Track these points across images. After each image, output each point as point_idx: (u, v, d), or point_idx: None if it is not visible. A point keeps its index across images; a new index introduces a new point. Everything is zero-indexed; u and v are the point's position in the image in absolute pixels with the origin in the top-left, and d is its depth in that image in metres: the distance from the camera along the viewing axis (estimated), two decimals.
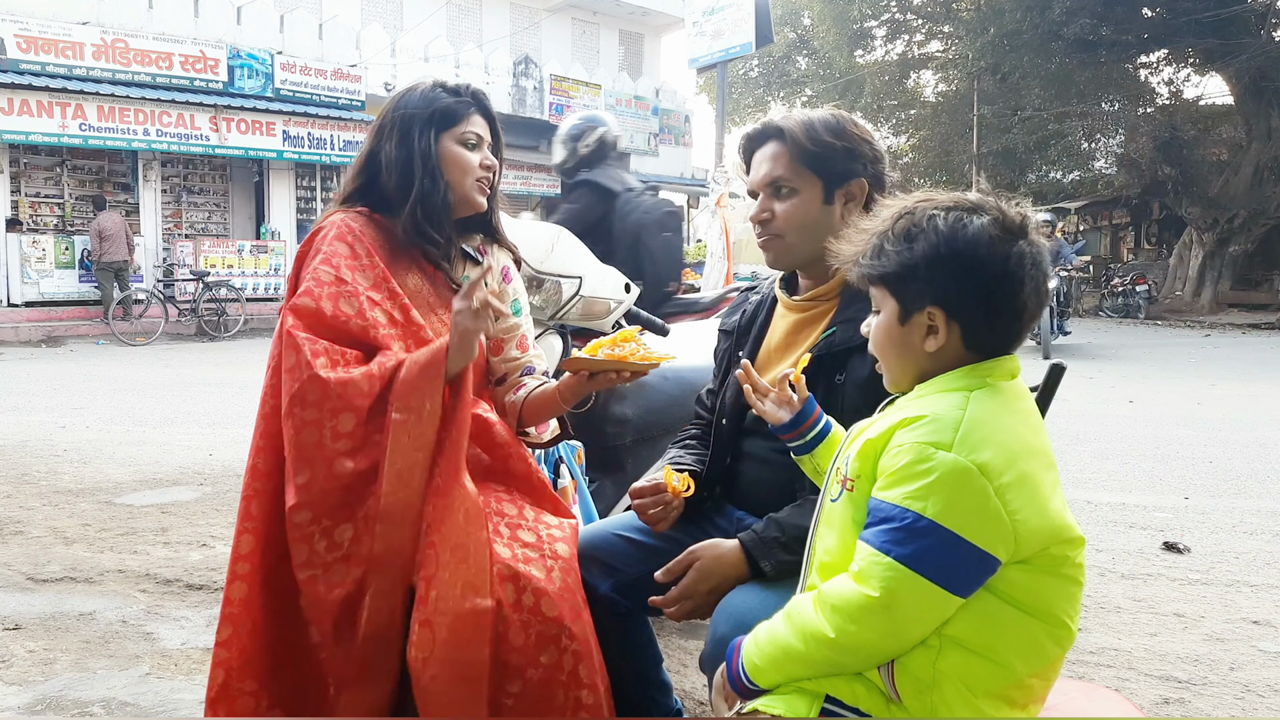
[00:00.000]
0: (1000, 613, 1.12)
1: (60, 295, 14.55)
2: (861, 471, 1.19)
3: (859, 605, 1.10)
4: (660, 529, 1.68)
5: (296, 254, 1.80)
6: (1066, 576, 1.14)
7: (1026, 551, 1.11)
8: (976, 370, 1.18)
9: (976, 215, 1.17)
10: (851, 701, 1.15)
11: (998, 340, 1.19)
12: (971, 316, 1.18)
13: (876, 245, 1.22)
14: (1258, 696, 2.39)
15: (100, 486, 4.49)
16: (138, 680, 2.38)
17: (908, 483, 1.10)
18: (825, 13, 22.42)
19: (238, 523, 1.63)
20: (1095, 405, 7.35)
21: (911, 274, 1.19)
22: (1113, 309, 19.12)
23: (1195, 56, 19.84)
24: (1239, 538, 3.83)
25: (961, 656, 1.12)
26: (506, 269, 1.98)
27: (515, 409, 1.88)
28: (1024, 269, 1.16)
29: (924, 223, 1.18)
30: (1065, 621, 1.15)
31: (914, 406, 1.17)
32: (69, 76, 14.60)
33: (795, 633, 1.15)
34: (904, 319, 1.21)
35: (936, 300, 1.18)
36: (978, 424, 1.12)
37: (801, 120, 1.66)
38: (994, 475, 1.08)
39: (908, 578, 1.08)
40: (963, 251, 1.16)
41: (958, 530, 1.07)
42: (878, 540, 1.11)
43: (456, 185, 1.80)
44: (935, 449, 1.10)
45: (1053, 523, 1.12)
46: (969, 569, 1.09)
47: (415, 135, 1.76)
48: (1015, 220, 1.18)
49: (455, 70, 19.42)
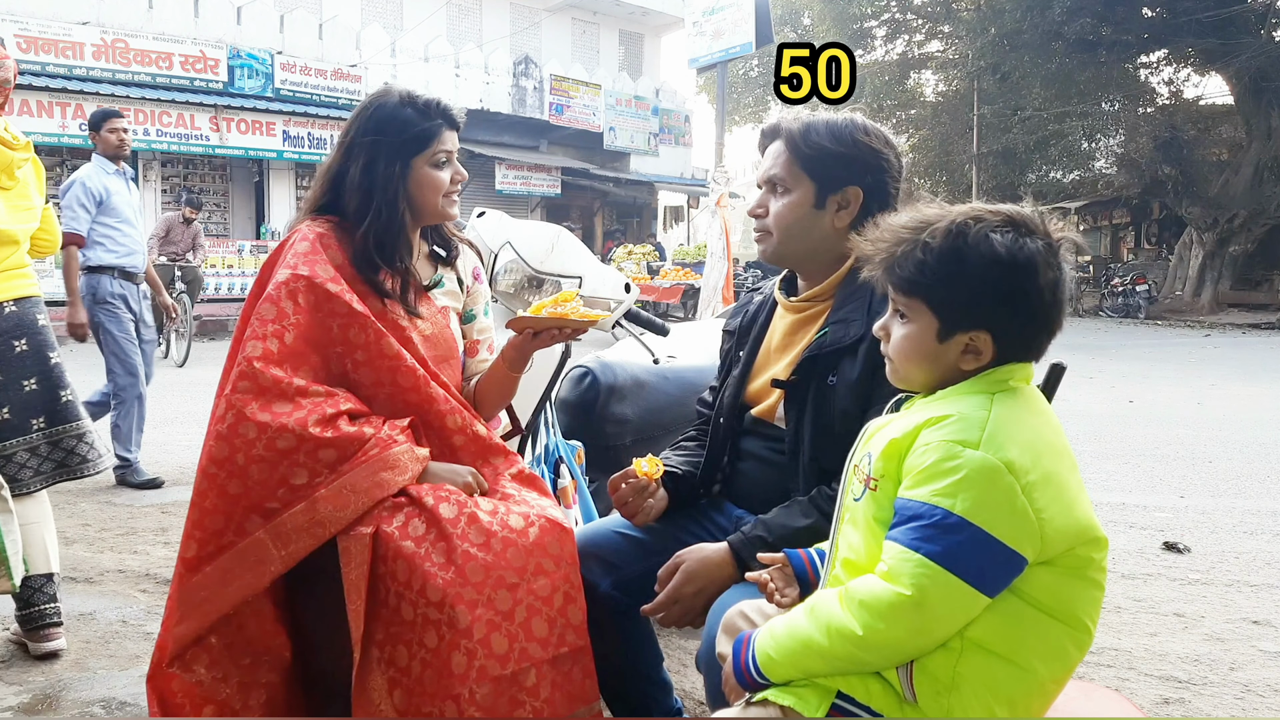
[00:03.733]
0: (1025, 615, 1.12)
1: (60, 295, 14.48)
2: (885, 471, 1.18)
3: (889, 603, 1.10)
4: (638, 521, 1.69)
5: (264, 262, 1.82)
6: (1090, 580, 1.15)
7: (1052, 551, 1.11)
8: (997, 373, 1.18)
9: (1030, 239, 1.16)
10: (864, 700, 1.14)
11: (1027, 354, 1.20)
12: (1015, 339, 1.18)
13: (917, 258, 1.19)
14: (1258, 696, 2.39)
15: (100, 486, 4.49)
16: (138, 680, 2.37)
17: (936, 480, 1.10)
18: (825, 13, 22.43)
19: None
20: (1095, 405, 7.35)
21: (960, 296, 1.17)
22: (1113, 309, 19.12)
23: (1195, 56, 19.84)
24: (1239, 538, 3.83)
25: (983, 659, 1.12)
26: (476, 269, 2.04)
27: (470, 398, 1.94)
28: (1063, 291, 1.17)
29: (980, 244, 1.16)
30: (1087, 625, 1.15)
31: (938, 406, 1.17)
32: (69, 76, 14.60)
33: (819, 628, 1.14)
34: (943, 337, 1.19)
35: (986, 325, 1.17)
36: (1003, 423, 1.12)
37: (804, 122, 1.67)
38: (1021, 473, 1.09)
39: (938, 574, 1.08)
40: (1022, 282, 1.15)
41: (987, 527, 1.07)
42: (907, 538, 1.11)
43: (428, 203, 1.82)
44: (963, 447, 1.10)
45: (1078, 522, 1.12)
46: (998, 567, 1.09)
47: (381, 164, 1.77)
48: (1057, 242, 1.18)
49: (455, 71, 19.42)
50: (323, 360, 1.71)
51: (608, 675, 1.72)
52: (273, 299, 1.69)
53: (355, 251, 1.78)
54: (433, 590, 1.52)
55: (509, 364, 1.87)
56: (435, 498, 1.62)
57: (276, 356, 1.65)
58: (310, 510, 1.59)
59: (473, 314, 2.02)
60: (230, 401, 1.63)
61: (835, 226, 1.64)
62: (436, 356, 1.83)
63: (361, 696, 1.56)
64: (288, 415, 1.61)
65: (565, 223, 13.15)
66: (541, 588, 1.59)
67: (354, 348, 1.72)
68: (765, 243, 1.72)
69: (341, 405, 1.67)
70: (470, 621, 1.51)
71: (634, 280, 2.79)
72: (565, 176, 20.89)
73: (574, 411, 2.48)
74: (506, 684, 1.53)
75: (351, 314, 1.71)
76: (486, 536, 1.58)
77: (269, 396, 1.62)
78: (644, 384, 2.54)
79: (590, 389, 2.47)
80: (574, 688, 1.61)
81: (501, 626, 1.54)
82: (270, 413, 1.61)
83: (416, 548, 1.56)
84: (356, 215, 1.79)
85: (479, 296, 2.04)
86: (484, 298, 2.05)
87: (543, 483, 1.83)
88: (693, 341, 2.77)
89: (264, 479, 1.60)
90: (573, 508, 2.30)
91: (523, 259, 2.40)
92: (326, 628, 1.65)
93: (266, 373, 1.63)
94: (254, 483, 1.61)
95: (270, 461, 1.60)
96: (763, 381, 1.71)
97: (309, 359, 1.69)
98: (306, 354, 1.69)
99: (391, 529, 1.58)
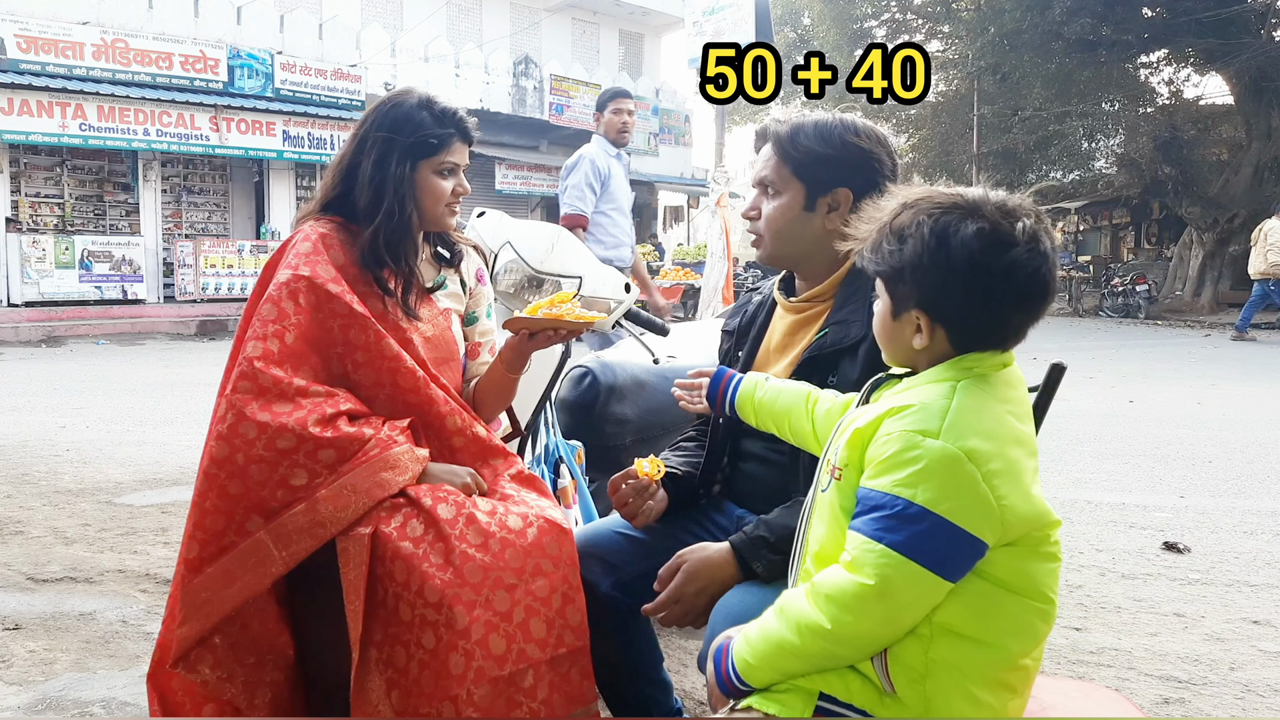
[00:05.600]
0: (989, 595, 1.14)
1: (60, 295, 14.55)
2: (850, 461, 1.20)
3: (854, 594, 1.11)
4: (638, 523, 1.69)
5: (267, 263, 1.82)
6: (1046, 554, 1.16)
7: (1011, 536, 1.12)
8: (964, 361, 1.19)
9: (967, 222, 1.16)
10: (845, 697, 1.15)
11: (986, 342, 1.20)
12: (954, 322, 1.19)
13: (876, 239, 1.23)
14: (1258, 696, 2.39)
15: (100, 486, 4.49)
16: (138, 680, 2.37)
17: (897, 470, 1.12)
18: (825, 13, 22.41)
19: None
20: (1095, 405, 7.35)
21: (899, 275, 1.20)
22: (1113, 309, 19.11)
23: (1195, 56, 19.83)
24: (1239, 538, 3.83)
25: (953, 643, 1.13)
26: (480, 271, 2.05)
27: (470, 399, 1.94)
28: (1013, 279, 1.15)
29: (914, 225, 1.18)
30: (1049, 596, 1.16)
31: (902, 397, 1.19)
32: (69, 76, 14.61)
33: (789, 626, 1.15)
34: (895, 315, 1.23)
35: (920, 305, 1.20)
36: (964, 412, 1.13)
37: (792, 125, 1.66)
38: (982, 461, 1.10)
39: (901, 564, 1.09)
40: (944, 262, 1.16)
41: (947, 516, 1.09)
42: (869, 528, 1.12)
43: (429, 210, 1.83)
44: (923, 436, 1.11)
45: (1036, 508, 1.14)
46: (959, 554, 1.10)
47: (393, 161, 1.78)
48: (1009, 227, 1.15)
49: (455, 71, 19.42)
50: (323, 361, 1.71)
51: (608, 675, 1.72)
52: (273, 299, 1.69)
53: (363, 249, 1.78)
54: (431, 591, 1.52)
55: (507, 365, 1.87)
56: (434, 498, 1.62)
57: (277, 357, 1.65)
58: (311, 511, 1.59)
59: (475, 316, 2.02)
60: (231, 402, 1.63)
61: (826, 228, 1.64)
62: (437, 358, 1.83)
63: (360, 697, 1.56)
64: (288, 415, 1.61)
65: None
66: (540, 588, 1.59)
67: (354, 349, 1.72)
68: (759, 244, 1.73)
69: (341, 405, 1.67)
70: (468, 622, 1.51)
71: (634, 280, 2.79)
72: None
73: (574, 411, 2.47)
74: (504, 685, 1.53)
75: (352, 315, 1.71)
76: (485, 537, 1.58)
77: (269, 397, 1.62)
78: (644, 384, 2.54)
79: (590, 389, 2.47)
80: (572, 689, 1.61)
81: (499, 627, 1.54)
82: (270, 413, 1.61)
83: (415, 548, 1.56)
84: (366, 212, 1.79)
85: (481, 299, 2.04)
86: (486, 300, 2.06)
87: (542, 483, 1.83)
88: (693, 341, 2.77)
89: (264, 479, 1.60)
90: (573, 508, 2.30)
91: (522, 259, 2.40)
92: (326, 628, 1.65)
93: (267, 373, 1.63)
94: (254, 483, 1.61)
95: (270, 462, 1.60)
96: None
97: (309, 359, 1.69)
98: (307, 354, 1.69)
99: (390, 529, 1.58)
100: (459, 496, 1.65)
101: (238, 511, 1.61)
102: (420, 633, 1.52)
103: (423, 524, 1.60)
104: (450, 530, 1.58)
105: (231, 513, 1.62)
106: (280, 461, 1.60)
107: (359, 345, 1.72)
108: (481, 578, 1.54)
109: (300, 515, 1.60)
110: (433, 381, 1.77)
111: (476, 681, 1.50)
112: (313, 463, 1.62)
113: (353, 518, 1.60)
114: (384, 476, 1.63)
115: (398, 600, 1.55)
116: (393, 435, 1.68)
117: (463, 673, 1.50)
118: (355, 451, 1.64)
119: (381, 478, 1.63)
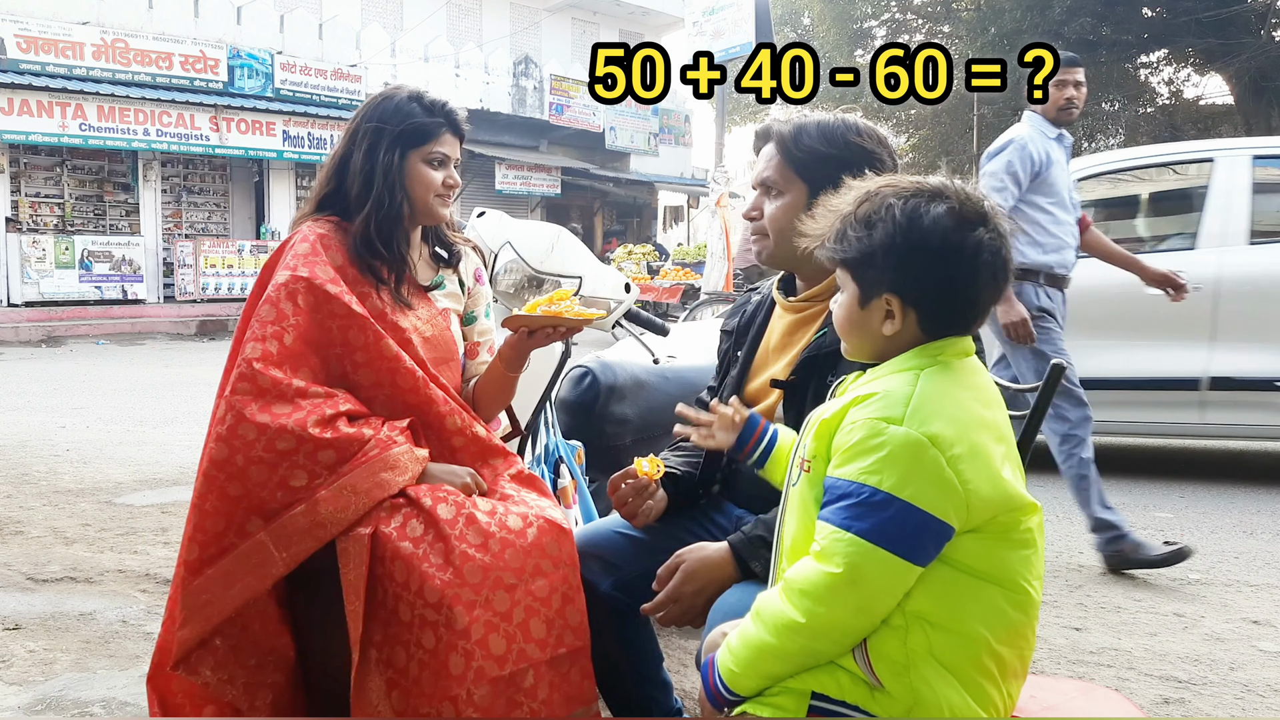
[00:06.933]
0: (957, 582, 1.14)
1: (60, 295, 14.56)
2: (817, 451, 1.21)
3: (825, 585, 1.12)
4: (637, 523, 1.69)
5: (265, 263, 1.82)
6: (1018, 541, 1.16)
7: (978, 519, 1.13)
8: (928, 350, 1.20)
9: (935, 203, 1.18)
10: (837, 695, 1.15)
11: (954, 325, 1.22)
12: (927, 304, 1.20)
13: (839, 229, 1.24)
14: (1258, 696, 2.39)
15: (100, 486, 4.49)
16: (137, 680, 2.37)
17: (862, 458, 1.13)
18: (825, 13, 22.39)
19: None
20: None
21: (869, 261, 1.21)
22: None
23: (1195, 56, 19.82)
24: (1239, 538, 3.83)
25: (928, 632, 1.14)
26: (478, 271, 2.05)
27: (469, 399, 1.94)
28: (980, 258, 1.17)
29: (882, 210, 1.19)
30: (1023, 586, 1.16)
31: (866, 386, 1.20)
32: (69, 76, 14.61)
33: (767, 628, 1.16)
34: (863, 303, 1.23)
35: (893, 288, 1.20)
36: (928, 398, 1.14)
37: (795, 124, 1.67)
38: (945, 446, 1.11)
39: (870, 551, 1.10)
40: (918, 242, 1.17)
41: (912, 500, 1.10)
42: (837, 518, 1.13)
43: (419, 200, 1.83)
44: (887, 424, 1.12)
45: (1003, 491, 1.14)
46: (927, 538, 1.11)
47: (382, 150, 1.79)
48: (974, 208, 1.19)
49: (455, 71, 19.42)
50: (322, 361, 1.71)
51: (608, 675, 1.72)
52: (272, 300, 1.69)
53: (355, 237, 1.79)
54: (430, 591, 1.52)
55: (506, 364, 1.87)
56: (433, 498, 1.62)
57: (276, 358, 1.65)
58: (311, 512, 1.59)
59: (473, 316, 2.02)
60: (230, 403, 1.63)
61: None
62: (436, 358, 1.83)
63: (360, 697, 1.56)
64: (287, 416, 1.61)
65: (569, 224, 13.09)
66: (540, 588, 1.59)
67: (353, 349, 1.72)
68: (762, 245, 1.73)
69: (341, 406, 1.67)
70: (468, 622, 1.51)
71: (634, 280, 2.79)
72: (565, 176, 20.89)
73: (574, 411, 2.48)
74: (504, 685, 1.53)
75: (351, 315, 1.71)
76: (484, 537, 1.58)
77: (268, 398, 1.62)
78: (644, 384, 2.54)
79: (590, 389, 2.47)
80: (572, 689, 1.61)
81: (499, 627, 1.54)
82: (270, 414, 1.61)
83: (414, 548, 1.56)
84: (358, 201, 1.80)
85: (480, 298, 2.04)
86: (485, 299, 2.06)
87: (542, 483, 1.83)
88: (693, 341, 2.77)
89: (264, 480, 1.60)
90: (573, 508, 2.30)
91: (522, 259, 2.40)
92: (326, 628, 1.65)
93: (266, 374, 1.63)
94: (254, 484, 1.60)
95: (270, 463, 1.60)
96: (761, 381, 1.71)
97: (308, 360, 1.69)
98: (306, 355, 1.69)
99: (390, 530, 1.58)
100: (459, 497, 1.65)
101: (237, 513, 1.61)
102: (420, 633, 1.52)
103: (423, 524, 1.60)
104: (450, 530, 1.58)
105: (231, 514, 1.61)
106: (280, 463, 1.60)
107: (358, 346, 1.72)
108: (481, 578, 1.54)
109: (300, 516, 1.59)
110: (432, 381, 1.77)
111: (476, 682, 1.50)
112: (312, 464, 1.61)
113: (353, 518, 1.59)
114: (384, 477, 1.63)
115: (397, 600, 1.55)
116: (392, 436, 1.68)
117: (463, 673, 1.50)
118: (355, 452, 1.63)
119: (381, 478, 1.62)
